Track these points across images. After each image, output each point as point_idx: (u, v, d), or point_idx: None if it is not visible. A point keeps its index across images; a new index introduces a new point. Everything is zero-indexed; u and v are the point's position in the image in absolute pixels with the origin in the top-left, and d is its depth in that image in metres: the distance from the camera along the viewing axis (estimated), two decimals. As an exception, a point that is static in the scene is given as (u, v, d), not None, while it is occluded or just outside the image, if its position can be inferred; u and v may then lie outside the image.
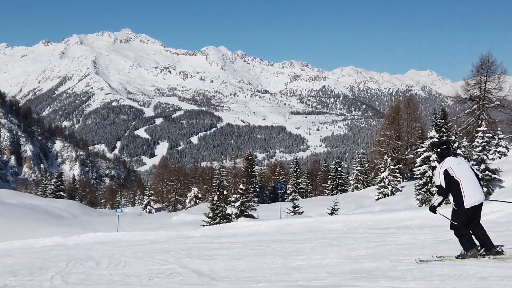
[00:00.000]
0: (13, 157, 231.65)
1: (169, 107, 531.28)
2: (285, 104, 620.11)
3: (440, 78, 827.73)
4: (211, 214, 39.55)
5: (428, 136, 39.48)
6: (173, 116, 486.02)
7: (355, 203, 45.21)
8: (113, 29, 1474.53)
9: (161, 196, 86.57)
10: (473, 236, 8.81)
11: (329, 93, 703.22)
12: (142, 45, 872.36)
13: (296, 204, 42.24)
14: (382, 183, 47.52)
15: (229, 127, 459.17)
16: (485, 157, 34.13)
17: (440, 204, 8.84)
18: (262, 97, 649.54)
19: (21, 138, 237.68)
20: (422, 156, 38.42)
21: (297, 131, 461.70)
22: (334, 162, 79.60)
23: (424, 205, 34.30)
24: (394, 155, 58.41)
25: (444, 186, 8.65)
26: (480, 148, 34.55)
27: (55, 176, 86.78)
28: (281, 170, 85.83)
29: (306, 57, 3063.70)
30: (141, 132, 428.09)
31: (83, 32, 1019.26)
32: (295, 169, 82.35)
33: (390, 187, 47.04)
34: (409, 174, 58.47)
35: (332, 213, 36.80)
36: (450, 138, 40.02)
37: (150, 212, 73.37)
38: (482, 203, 8.67)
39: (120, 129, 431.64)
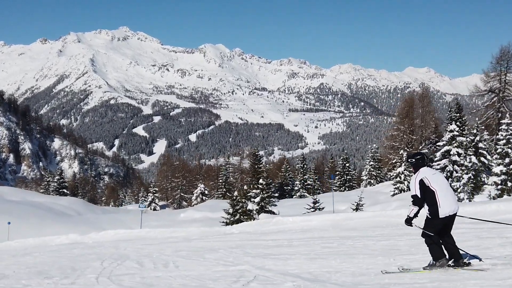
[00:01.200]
0: (11, 155, 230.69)
1: (167, 105, 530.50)
2: (283, 101, 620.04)
3: (438, 75, 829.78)
4: (231, 210, 37.53)
5: (448, 130, 38.57)
6: (171, 114, 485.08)
7: (370, 199, 43.89)
8: (111, 27, 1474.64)
9: (165, 193, 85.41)
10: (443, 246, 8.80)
11: (327, 90, 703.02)
12: (139, 43, 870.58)
13: (317, 199, 40.97)
14: (398, 178, 46.52)
15: (227, 124, 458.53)
16: (509, 150, 33.06)
17: (416, 215, 8.79)
18: (260, 95, 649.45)
19: (19, 136, 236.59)
20: (442, 150, 37.98)
21: (296, 129, 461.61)
22: (341, 158, 78.45)
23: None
24: (408, 150, 56.98)
25: (420, 196, 8.63)
26: (504, 141, 33.45)
27: (57, 173, 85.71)
28: (287, 166, 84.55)
29: (304, 55, 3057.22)
30: (139, 130, 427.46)
31: (80, 30, 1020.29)
32: (301, 165, 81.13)
33: (406, 183, 45.82)
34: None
35: (356, 209, 35.57)
36: (467, 134, 39.11)
37: (154, 209, 72.26)
38: (456, 213, 8.66)
39: (118, 127, 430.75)
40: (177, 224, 41.55)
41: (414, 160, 8.88)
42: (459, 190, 35.43)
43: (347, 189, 68.72)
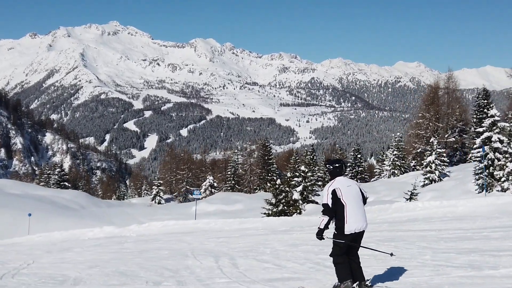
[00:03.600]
0: (3, 150, 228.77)
1: (158, 100, 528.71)
2: (274, 96, 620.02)
3: (428, 70, 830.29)
4: (273, 201, 34.63)
5: (489, 115, 36.33)
6: (162, 108, 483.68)
7: (397, 190, 41.86)
8: (101, 21, 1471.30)
9: (170, 186, 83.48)
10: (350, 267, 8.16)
11: (318, 85, 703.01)
12: (130, 38, 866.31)
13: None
14: (428, 168, 44.03)
15: (218, 119, 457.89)
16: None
17: (326, 226, 8.09)
18: (251, 89, 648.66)
19: (11, 131, 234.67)
20: (482, 137, 35.66)
21: (287, 123, 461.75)
22: (353, 149, 76.51)
23: (485, 191, 31.29)
24: (435, 138, 53.45)
25: (331, 206, 7.99)
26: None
27: (58, 166, 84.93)
28: (297, 158, 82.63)
29: (295, 49, 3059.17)
30: (130, 125, 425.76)
31: (70, 24, 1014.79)
32: (311, 157, 80.00)
33: (437, 172, 43.67)
34: (455, 159, 55.00)
35: (410, 198, 33.39)
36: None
37: (159, 203, 70.67)
38: (363, 231, 8.14)
39: (109, 122, 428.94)
40: (191, 217, 40.29)
41: (331, 167, 8.27)
42: (502, 179, 33.33)
43: (359, 181, 65.95)
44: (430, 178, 43.75)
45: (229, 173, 77.04)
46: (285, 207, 33.58)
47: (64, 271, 12.24)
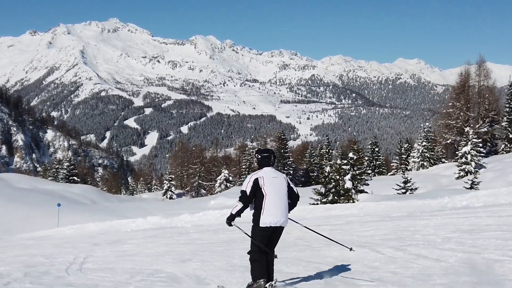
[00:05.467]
0: (4, 147, 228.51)
1: (158, 97, 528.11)
2: (274, 93, 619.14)
3: (428, 67, 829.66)
4: (323, 190, 32.20)
5: None
6: (162, 105, 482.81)
7: (430, 182, 40.12)
8: (101, 18, 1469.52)
9: (181, 181, 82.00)
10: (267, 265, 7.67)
11: (318, 81, 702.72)
12: (130, 35, 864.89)
13: (408, 178, 36.77)
14: (464, 159, 42.31)
15: (219, 116, 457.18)
16: None
17: (238, 213, 7.66)
18: (251, 86, 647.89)
19: (12, 128, 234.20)
20: None
21: (287, 120, 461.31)
22: (370, 142, 74.25)
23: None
24: (465, 128, 52.29)
25: (248, 194, 7.53)
26: None
27: (67, 160, 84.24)
28: (312, 152, 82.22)
29: (295, 46, 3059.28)
30: (131, 122, 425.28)
31: (70, 21, 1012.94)
32: (326, 151, 79.18)
33: (473, 163, 42.01)
34: (485, 150, 52.48)
35: (471, 187, 32.20)
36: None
37: (171, 198, 69.30)
38: (281, 228, 7.61)
39: (109, 119, 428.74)
40: (208, 211, 39.20)
41: (260, 156, 7.87)
42: None
43: (376, 175, 64.30)
44: (466, 170, 42.02)
45: (243, 167, 75.78)
46: (336, 197, 31.43)
47: (148, 265, 11.05)
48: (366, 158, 67.83)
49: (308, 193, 34.32)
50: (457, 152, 46.16)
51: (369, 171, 48.20)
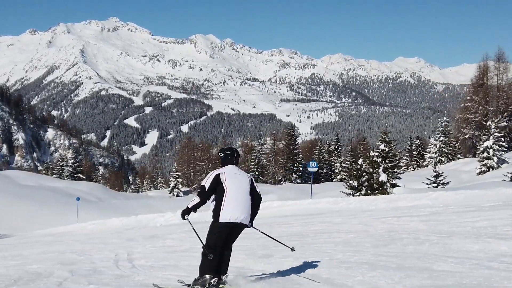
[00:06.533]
0: (4, 146, 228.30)
1: (158, 96, 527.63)
2: (274, 92, 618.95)
3: (428, 65, 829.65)
4: (355, 184, 30.77)
5: None
6: (162, 104, 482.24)
7: (450, 178, 38.79)
8: (101, 17, 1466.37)
9: (187, 178, 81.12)
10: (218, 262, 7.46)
11: (318, 80, 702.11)
12: (130, 34, 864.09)
13: (440, 172, 35.85)
14: (486, 154, 41.02)
15: (219, 115, 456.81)
16: None
17: (194, 208, 7.46)
18: (251, 85, 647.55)
19: (12, 126, 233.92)
20: None
21: (288, 119, 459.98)
22: (380, 138, 73.81)
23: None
24: (484, 122, 51.18)
25: (207, 189, 7.39)
26: None
27: (72, 157, 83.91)
28: (321, 148, 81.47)
29: (295, 45, 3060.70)
30: (131, 121, 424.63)
31: (70, 21, 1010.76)
32: (335, 147, 78.47)
33: (495, 158, 40.79)
34: (508, 144, 51.14)
35: None
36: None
37: (178, 195, 68.43)
38: (242, 225, 7.40)
39: (109, 118, 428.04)
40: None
41: (223, 154, 7.78)
42: None
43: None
44: (488, 165, 40.79)
45: (252, 163, 74.79)
46: (369, 191, 29.91)
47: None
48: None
49: (338, 187, 33.45)
50: (478, 147, 44.88)
51: (401, 164, 46.97)
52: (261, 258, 10.44)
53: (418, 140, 68.53)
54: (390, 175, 30.47)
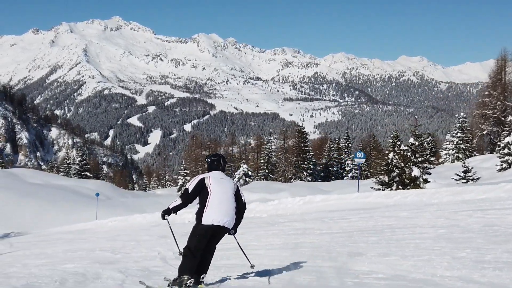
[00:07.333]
0: (8, 145, 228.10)
1: (161, 95, 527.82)
2: (277, 91, 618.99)
3: (431, 64, 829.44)
4: (386, 179, 29.53)
5: None
6: (165, 104, 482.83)
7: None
8: (103, 17, 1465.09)
9: (195, 176, 79.94)
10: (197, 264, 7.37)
11: (321, 79, 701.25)
12: (132, 33, 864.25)
13: (469, 167, 34.81)
14: (507, 150, 39.55)
15: (222, 114, 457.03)
16: None
17: (175, 209, 7.51)
18: (254, 84, 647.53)
19: (16, 126, 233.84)
20: None
21: (291, 118, 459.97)
22: (391, 135, 72.92)
23: None
24: (502, 118, 49.85)
25: (189, 192, 7.42)
26: None
27: (79, 155, 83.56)
28: (331, 146, 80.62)
29: (298, 44, 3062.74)
30: (134, 120, 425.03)
31: (72, 20, 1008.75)
32: (346, 145, 77.93)
33: None
34: None
35: None
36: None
37: None
38: (224, 228, 7.35)
39: (112, 117, 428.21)
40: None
41: (209, 160, 7.84)
42: None
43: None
44: (509, 162, 39.38)
45: (262, 161, 74.37)
46: (400, 187, 28.49)
47: (283, 260, 9.33)
48: (387, 152, 65.75)
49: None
50: (498, 143, 43.86)
51: (432, 159, 45.80)
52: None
53: (430, 138, 67.53)
54: (421, 170, 29.26)
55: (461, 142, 56.97)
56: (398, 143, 67.92)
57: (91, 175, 79.67)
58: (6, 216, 34.32)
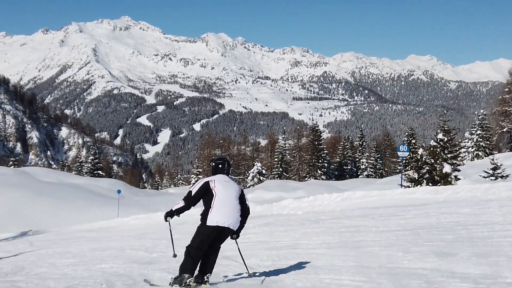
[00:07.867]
0: (19, 144, 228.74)
1: (170, 95, 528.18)
2: (287, 90, 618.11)
3: (440, 63, 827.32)
4: (416, 176, 28.36)
5: None
6: (175, 103, 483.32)
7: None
8: (113, 16, 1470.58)
9: (208, 175, 79.18)
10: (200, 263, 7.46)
11: (330, 78, 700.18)
12: (141, 33, 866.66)
13: (498, 164, 33.69)
14: None
15: (231, 113, 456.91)
16: None
17: (178, 212, 7.42)
18: (263, 84, 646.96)
19: (26, 125, 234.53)
20: None
21: (300, 117, 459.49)
22: (406, 134, 71.47)
23: None
24: None
25: (193, 194, 7.38)
26: None
27: (91, 153, 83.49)
28: (345, 144, 79.95)
29: (306, 43, 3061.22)
30: (143, 120, 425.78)
31: (82, 20, 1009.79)
32: (360, 143, 77.41)
33: None
34: None
35: None
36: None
37: None
38: (229, 230, 7.34)
39: (122, 117, 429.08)
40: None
41: (214, 164, 7.88)
42: None
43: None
44: None
45: (275, 159, 73.84)
46: (430, 184, 27.34)
47: (349, 259, 8.68)
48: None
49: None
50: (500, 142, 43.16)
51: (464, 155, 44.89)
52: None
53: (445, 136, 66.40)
54: (452, 167, 28.11)
55: (481, 139, 55.79)
56: (413, 141, 67.59)
57: (103, 174, 79.50)
58: (21, 215, 34.00)
